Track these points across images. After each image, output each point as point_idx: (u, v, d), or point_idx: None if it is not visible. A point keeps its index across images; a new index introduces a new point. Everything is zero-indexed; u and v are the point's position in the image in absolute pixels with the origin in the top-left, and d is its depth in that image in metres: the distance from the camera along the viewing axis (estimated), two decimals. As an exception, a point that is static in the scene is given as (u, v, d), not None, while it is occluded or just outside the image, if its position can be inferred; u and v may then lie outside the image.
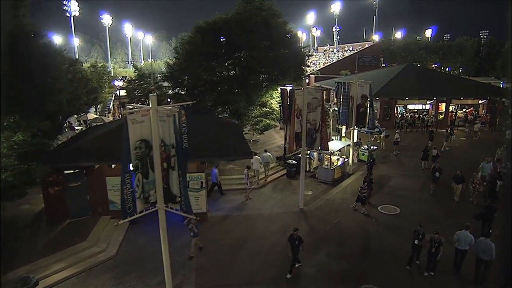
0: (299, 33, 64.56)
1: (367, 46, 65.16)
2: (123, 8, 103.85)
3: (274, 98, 24.68)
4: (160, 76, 27.87)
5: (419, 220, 14.28)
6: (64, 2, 59.50)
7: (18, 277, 10.20)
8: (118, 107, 38.97)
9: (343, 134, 24.41)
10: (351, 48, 68.39)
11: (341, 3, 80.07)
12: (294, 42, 25.12)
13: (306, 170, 19.87)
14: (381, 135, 25.91)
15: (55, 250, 12.52)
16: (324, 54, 74.67)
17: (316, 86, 19.21)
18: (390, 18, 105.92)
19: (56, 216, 14.58)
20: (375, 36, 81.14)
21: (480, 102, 35.37)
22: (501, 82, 47.84)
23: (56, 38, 62.01)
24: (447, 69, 72.79)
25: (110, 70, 59.48)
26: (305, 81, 19.74)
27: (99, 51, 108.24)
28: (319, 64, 64.93)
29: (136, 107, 9.39)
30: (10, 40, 9.57)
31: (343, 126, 23.32)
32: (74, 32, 63.42)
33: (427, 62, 68.75)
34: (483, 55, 75.01)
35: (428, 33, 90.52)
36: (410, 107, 34.92)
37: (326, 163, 20.00)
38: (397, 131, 26.87)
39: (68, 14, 60.37)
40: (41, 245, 12.99)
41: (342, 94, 20.36)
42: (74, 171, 14.52)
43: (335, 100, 27.19)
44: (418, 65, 57.76)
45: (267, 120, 23.44)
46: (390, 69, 47.85)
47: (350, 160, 21.09)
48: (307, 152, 19.57)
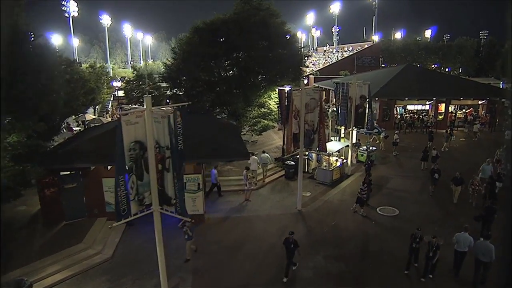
0: (298, 33, 64.42)
1: (366, 46, 65.08)
2: (122, 9, 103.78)
3: (273, 98, 24.56)
4: (158, 76, 27.73)
5: (418, 221, 14.23)
6: (62, 2, 59.40)
7: (12, 280, 10.08)
8: (116, 108, 38.85)
9: (342, 135, 24.32)
10: (350, 49, 68.28)
11: (340, 4, 79.96)
12: (293, 43, 24.98)
13: (305, 171, 19.80)
14: (380, 135, 25.82)
15: (50, 252, 12.40)
16: (323, 55, 74.63)
17: (315, 87, 19.11)
18: (390, 18, 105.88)
19: (52, 217, 14.48)
20: (374, 37, 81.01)
21: (479, 102, 35.32)
22: (500, 83, 47.87)
23: (56, 38, 61.96)
24: (446, 69, 72.69)
25: (109, 70, 59.38)
26: (303, 81, 19.62)
27: (99, 51, 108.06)
28: (319, 64, 64.88)
29: (131, 108, 9.30)
30: (3, 40, 9.48)
31: (342, 127, 23.24)
32: (73, 33, 63.30)
33: (426, 62, 68.66)
34: (483, 56, 74.92)
35: (427, 33, 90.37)
36: (410, 107, 34.89)
37: (324, 164, 19.88)
38: (396, 131, 26.77)
39: (67, 15, 60.25)
40: (36, 247, 12.86)
41: (340, 94, 20.25)
42: (70, 173, 14.41)
43: (334, 100, 27.08)
44: (418, 65, 57.67)
45: (265, 121, 23.32)
46: (389, 69, 47.80)
47: (349, 161, 20.97)
48: (306, 153, 19.48)
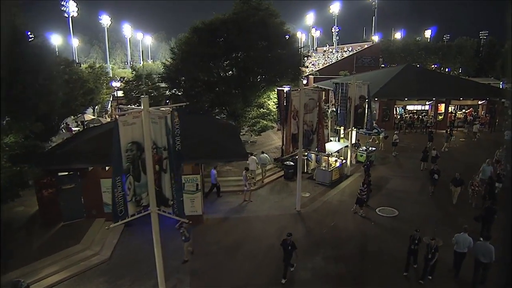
0: (298, 33, 64.25)
1: (366, 46, 65.02)
2: (122, 9, 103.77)
3: (272, 99, 24.52)
4: (157, 77, 27.67)
5: (418, 222, 14.20)
6: (62, 2, 59.35)
7: (9, 281, 10.02)
8: (115, 108, 38.79)
9: (342, 135, 24.26)
10: (350, 49, 68.21)
11: (340, 4, 79.97)
12: (292, 43, 24.93)
13: (304, 171, 19.75)
14: (379, 136, 25.76)
15: (48, 253, 12.33)
16: (323, 55, 74.57)
17: (314, 87, 19.04)
18: (390, 18, 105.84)
19: (49, 218, 14.41)
20: (374, 37, 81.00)
21: (479, 102, 35.26)
22: (500, 83, 47.82)
23: (56, 38, 61.94)
24: (446, 69, 72.62)
25: (109, 71, 59.30)
26: (302, 82, 19.55)
27: (99, 51, 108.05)
28: (318, 64, 64.83)
29: (129, 109, 9.26)
30: (2, 40, 9.44)
31: (341, 127, 23.18)
32: (72, 33, 63.23)
33: (426, 62, 68.58)
34: (483, 56, 74.82)
35: (427, 33, 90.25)
36: (409, 107, 34.82)
37: (323, 164, 19.82)
38: (396, 132, 26.69)
39: (66, 15, 60.19)
40: (34, 248, 12.80)
41: (339, 95, 20.20)
42: (68, 173, 14.35)
43: (334, 101, 27.03)
44: (418, 65, 57.62)
45: (264, 121, 23.26)
46: (389, 69, 47.72)
47: (348, 162, 20.92)
48: (305, 153, 19.41)
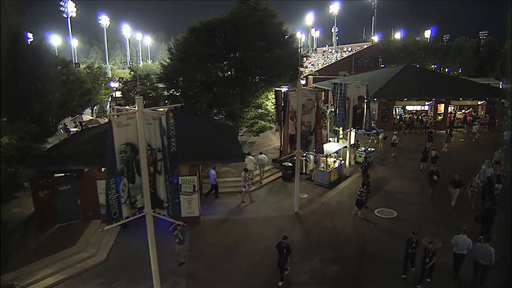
0: (298, 33, 64.19)
1: (365, 46, 64.90)
2: (121, 9, 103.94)
3: (270, 99, 24.41)
4: (156, 77, 27.58)
5: (416, 223, 14.11)
6: (60, 3, 59.29)
7: (3, 285, 9.92)
8: (113, 109, 38.69)
9: (341, 136, 24.15)
10: (350, 49, 68.10)
11: (339, 4, 79.91)
12: (290, 43, 24.84)
13: (302, 172, 19.65)
14: (379, 136, 25.66)
15: (43, 255, 12.22)
16: (322, 55, 74.48)
17: (312, 87, 18.94)
18: (389, 18, 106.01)
19: (46, 220, 14.31)
20: (374, 37, 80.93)
21: (479, 103, 35.16)
22: (500, 83, 47.69)
23: (55, 39, 61.93)
24: (446, 69, 72.54)
25: (107, 71, 59.19)
26: (299, 82, 19.44)
27: (98, 52, 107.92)
28: (318, 65, 64.73)
29: (124, 110, 9.17)
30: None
31: (340, 128, 23.07)
32: (71, 33, 63.18)
33: (426, 62, 68.51)
34: (483, 56, 74.68)
35: (427, 33, 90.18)
36: (409, 108, 34.74)
37: (322, 165, 19.71)
38: (395, 132, 26.59)
39: (65, 15, 60.13)
40: (29, 250, 12.68)
41: (338, 95, 20.10)
42: (64, 174, 14.25)
43: (332, 101, 26.93)
44: (417, 65, 57.54)
45: (263, 122, 23.14)
46: (388, 69, 47.64)
47: (347, 162, 20.81)
48: (303, 154, 19.30)
